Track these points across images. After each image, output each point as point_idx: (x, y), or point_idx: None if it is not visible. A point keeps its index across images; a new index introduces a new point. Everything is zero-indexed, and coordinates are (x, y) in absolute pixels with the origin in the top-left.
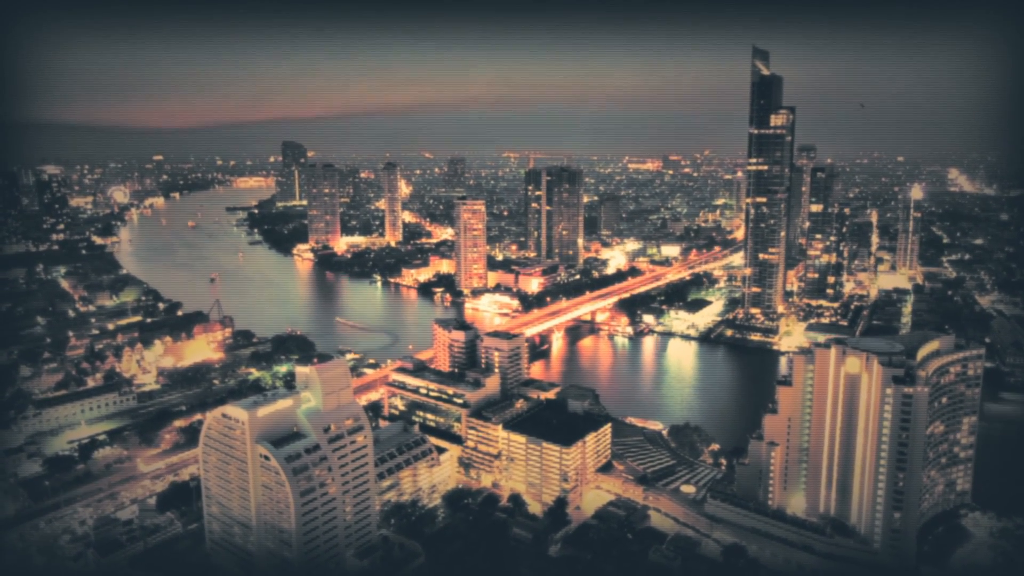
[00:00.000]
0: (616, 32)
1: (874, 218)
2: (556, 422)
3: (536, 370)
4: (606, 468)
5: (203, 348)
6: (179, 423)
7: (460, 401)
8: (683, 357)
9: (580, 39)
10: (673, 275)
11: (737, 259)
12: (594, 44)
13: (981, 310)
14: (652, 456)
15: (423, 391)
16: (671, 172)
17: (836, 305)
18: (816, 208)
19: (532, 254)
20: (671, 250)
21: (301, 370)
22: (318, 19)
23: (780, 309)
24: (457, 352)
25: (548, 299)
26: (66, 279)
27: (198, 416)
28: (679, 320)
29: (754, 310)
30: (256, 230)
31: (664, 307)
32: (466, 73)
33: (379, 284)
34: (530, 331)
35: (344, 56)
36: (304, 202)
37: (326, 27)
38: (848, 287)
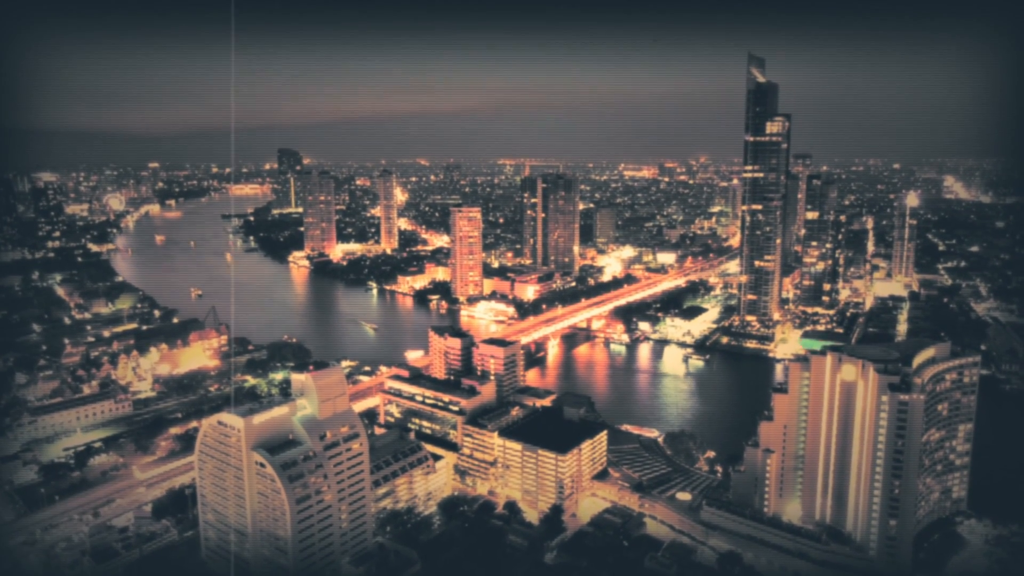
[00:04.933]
0: (612, 40)
1: (870, 225)
2: (552, 429)
3: (532, 377)
4: (602, 475)
5: (199, 355)
6: (175, 430)
7: (456, 408)
8: (679, 365)
9: (576, 47)
10: (669, 282)
11: (733, 266)
12: (590, 51)
13: (977, 317)
14: (648, 463)
15: (419, 398)
16: (667, 179)
17: (832, 312)
18: (812, 215)
19: (528, 261)
20: (667, 257)
21: (297, 377)
22: (314, 27)
23: (776, 316)
24: (453, 359)
25: (544, 306)
26: (62, 286)
27: (194, 423)
28: (675, 327)
29: (750, 317)
30: (252, 237)
31: (660, 314)
32: (462, 80)
33: (374, 291)
34: (526, 338)
35: (340, 63)
36: (300, 209)
37: (321, 35)
38: (844, 294)
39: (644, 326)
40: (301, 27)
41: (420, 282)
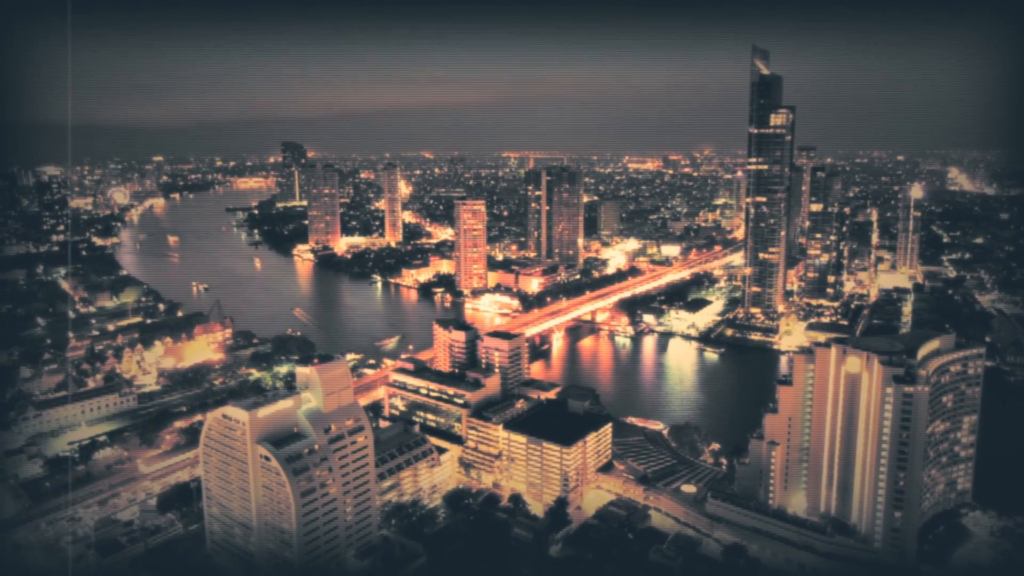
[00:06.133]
0: (616, 32)
1: (874, 217)
2: (556, 422)
3: (536, 370)
4: (607, 468)
5: (203, 349)
6: (179, 424)
7: (460, 401)
8: (683, 357)
9: (581, 39)
10: (673, 275)
11: (737, 259)
12: (594, 44)
13: (981, 309)
14: (653, 456)
15: (423, 391)
16: (671, 172)
17: (836, 304)
18: (816, 207)
19: (532, 254)
20: (671, 250)
21: (301, 370)
22: (319, 19)
23: (780, 309)
24: (457, 352)
25: (548, 299)
26: (66, 280)
27: (199, 417)
28: (679, 320)
29: (754, 309)
30: (256, 231)
31: (664, 307)
32: (466, 73)
33: (379, 284)
34: (530, 331)
35: (344, 56)
36: (304, 202)
37: (327, 27)
38: (848, 286)
39: (648, 319)
40: (306, 21)
41: (424, 275)
